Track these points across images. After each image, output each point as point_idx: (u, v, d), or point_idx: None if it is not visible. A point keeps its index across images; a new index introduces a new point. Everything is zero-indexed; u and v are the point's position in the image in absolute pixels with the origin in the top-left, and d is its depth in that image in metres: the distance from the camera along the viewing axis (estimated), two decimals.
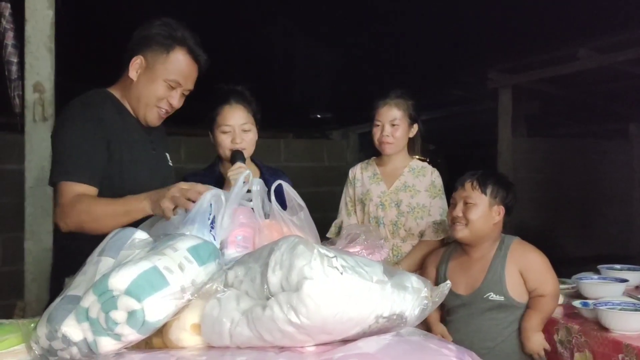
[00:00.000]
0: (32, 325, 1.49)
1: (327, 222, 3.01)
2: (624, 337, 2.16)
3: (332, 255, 1.31)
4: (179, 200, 1.70)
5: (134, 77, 2.14)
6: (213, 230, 1.63)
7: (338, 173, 6.70)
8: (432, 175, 2.99)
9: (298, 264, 1.27)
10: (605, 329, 2.23)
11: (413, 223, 2.90)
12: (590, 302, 2.44)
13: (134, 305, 1.31)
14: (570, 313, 2.53)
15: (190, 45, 2.16)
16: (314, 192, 6.21)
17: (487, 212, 2.52)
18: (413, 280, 1.47)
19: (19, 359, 1.47)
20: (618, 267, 2.98)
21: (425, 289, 1.47)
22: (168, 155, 2.41)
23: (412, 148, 3.06)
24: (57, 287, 1.71)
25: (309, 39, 5.26)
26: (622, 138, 9.13)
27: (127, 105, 2.21)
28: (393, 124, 2.91)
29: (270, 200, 1.78)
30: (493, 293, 2.46)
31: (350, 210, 3.04)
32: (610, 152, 8.95)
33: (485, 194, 2.53)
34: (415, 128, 3.00)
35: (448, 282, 1.55)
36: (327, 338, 1.33)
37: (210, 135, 2.67)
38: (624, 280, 2.69)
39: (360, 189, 3.03)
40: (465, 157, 10.33)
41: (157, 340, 1.41)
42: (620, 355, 2.12)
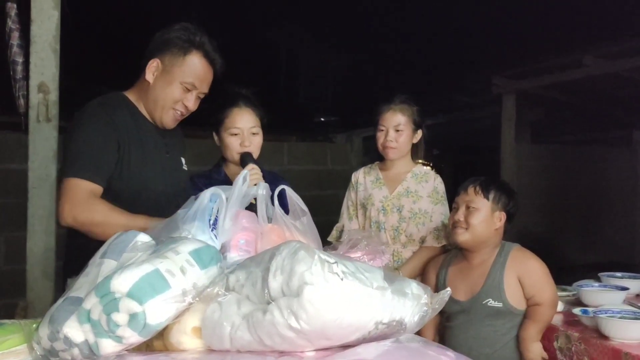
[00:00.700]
0: (34, 326, 1.50)
1: (330, 225, 3.02)
2: (624, 345, 2.15)
3: (332, 261, 1.31)
4: None
5: (151, 79, 2.18)
6: (215, 230, 1.64)
7: (341, 177, 6.66)
8: (434, 181, 2.98)
9: (299, 270, 1.28)
10: (605, 337, 2.22)
11: (414, 229, 2.90)
12: (591, 309, 2.43)
13: (136, 308, 1.32)
14: (571, 320, 2.52)
15: (207, 49, 2.20)
16: (317, 195, 6.21)
17: (488, 217, 2.52)
18: (413, 287, 1.48)
19: (21, 359, 1.48)
20: (619, 274, 2.97)
21: (425, 296, 1.48)
22: (184, 160, 2.43)
23: (415, 153, 3.06)
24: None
25: (314, 43, 5.27)
26: (625, 145, 9.12)
27: (141, 109, 2.25)
28: (397, 129, 2.91)
29: (273, 205, 1.79)
30: (492, 299, 2.46)
31: (352, 215, 3.04)
32: (614, 159, 8.95)
33: (488, 199, 2.53)
34: (420, 134, 3.00)
35: (448, 289, 1.56)
36: (326, 343, 1.34)
37: (215, 137, 2.67)
38: (625, 289, 2.68)
39: (363, 193, 3.02)
40: (469, 162, 10.33)
41: (158, 343, 1.42)
42: None
